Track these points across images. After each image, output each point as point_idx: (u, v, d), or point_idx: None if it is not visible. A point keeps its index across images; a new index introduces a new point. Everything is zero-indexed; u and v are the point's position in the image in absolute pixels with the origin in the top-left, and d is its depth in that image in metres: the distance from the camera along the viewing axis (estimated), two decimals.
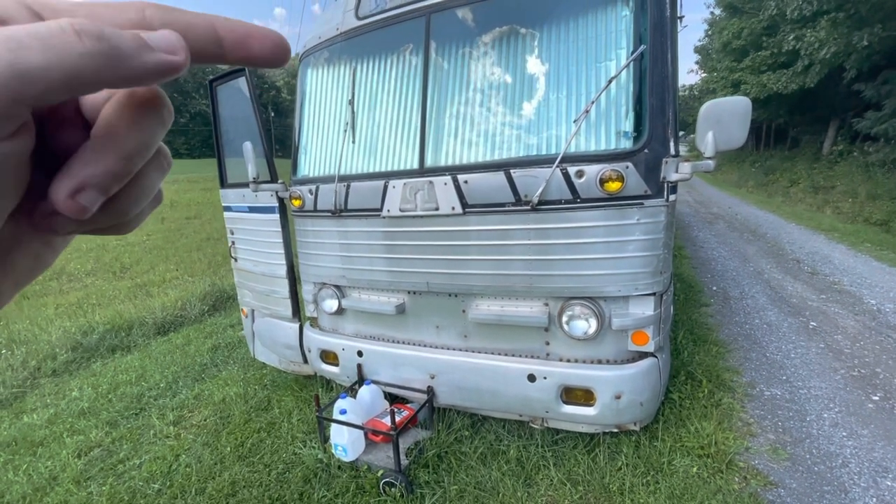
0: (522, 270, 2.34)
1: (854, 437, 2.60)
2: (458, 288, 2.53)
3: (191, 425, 3.19)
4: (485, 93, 2.38)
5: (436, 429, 2.70)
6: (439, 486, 2.34)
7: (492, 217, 2.33)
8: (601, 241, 2.19)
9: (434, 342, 2.73)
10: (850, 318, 4.53)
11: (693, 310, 4.61)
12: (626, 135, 2.13)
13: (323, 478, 2.46)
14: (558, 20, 2.26)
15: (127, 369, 4.54)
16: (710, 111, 2.11)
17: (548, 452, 2.50)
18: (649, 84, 2.11)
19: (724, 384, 3.11)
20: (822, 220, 10.97)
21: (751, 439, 2.57)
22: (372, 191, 2.60)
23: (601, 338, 2.35)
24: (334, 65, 2.89)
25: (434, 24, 2.50)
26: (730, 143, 2.14)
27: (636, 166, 2.09)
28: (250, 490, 2.43)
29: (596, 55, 2.20)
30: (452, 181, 2.35)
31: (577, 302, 2.29)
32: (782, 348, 3.82)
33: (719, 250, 7.86)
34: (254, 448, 2.82)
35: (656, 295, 2.25)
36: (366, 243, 2.72)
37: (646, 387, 2.29)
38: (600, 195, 2.12)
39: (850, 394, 3.09)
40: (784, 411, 2.86)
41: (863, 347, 3.84)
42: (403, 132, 2.56)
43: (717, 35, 21.25)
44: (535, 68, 2.30)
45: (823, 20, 11.20)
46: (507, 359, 2.48)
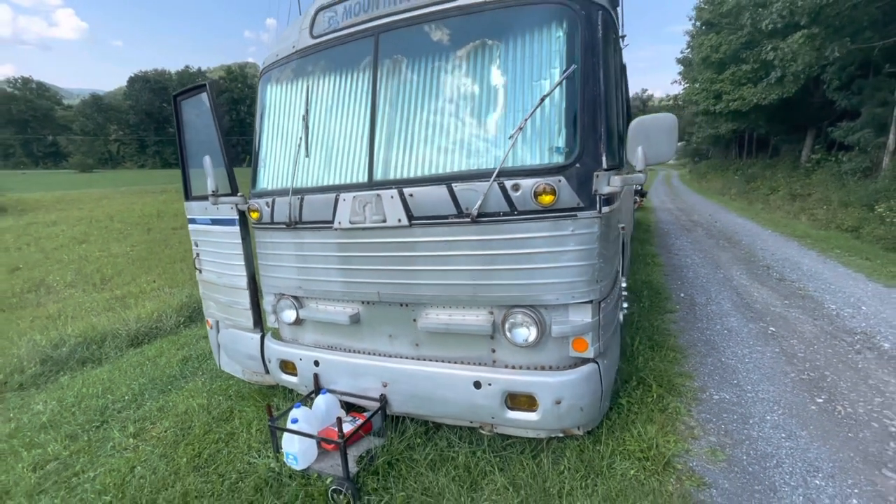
0: (466, 280, 2.41)
1: (792, 439, 2.69)
2: (408, 298, 2.60)
3: (150, 437, 3.20)
4: (428, 109, 2.47)
5: (389, 436, 2.74)
6: (387, 492, 2.38)
7: (436, 229, 2.41)
8: (538, 252, 2.27)
9: (388, 351, 2.79)
10: (808, 323, 4.66)
11: (657, 316, 4.71)
12: (558, 150, 2.23)
13: (274, 486, 2.49)
14: (497, 41, 2.37)
15: (94, 382, 4.52)
16: (639, 128, 2.22)
17: (495, 458, 2.56)
18: (581, 102, 2.22)
19: (675, 389, 3.20)
20: (797, 227, 11.22)
21: (692, 442, 2.65)
22: (324, 203, 2.67)
23: (543, 345, 2.42)
24: (291, 81, 2.98)
25: (382, 43, 2.60)
26: (659, 157, 2.25)
27: (568, 180, 2.18)
28: (201, 500, 2.46)
29: (532, 74, 2.31)
30: (399, 194, 2.43)
31: (518, 310, 2.37)
32: (738, 353, 3.92)
33: (693, 257, 8.02)
34: (210, 458, 2.84)
35: (593, 303, 2.33)
36: (320, 255, 2.79)
37: (585, 392, 2.36)
38: (535, 207, 2.21)
39: (795, 396, 3.19)
40: (729, 414, 2.95)
41: (815, 351, 3.96)
42: (354, 147, 2.64)
43: (696, 49, 21.73)
44: (475, 86, 2.39)
45: (798, 34, 11.54)
46: (455, 366, 2.55)
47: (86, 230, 22.06)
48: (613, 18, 2.63)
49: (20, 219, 27.87)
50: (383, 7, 2.59)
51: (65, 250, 17.98)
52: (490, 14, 2.36)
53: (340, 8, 2.75)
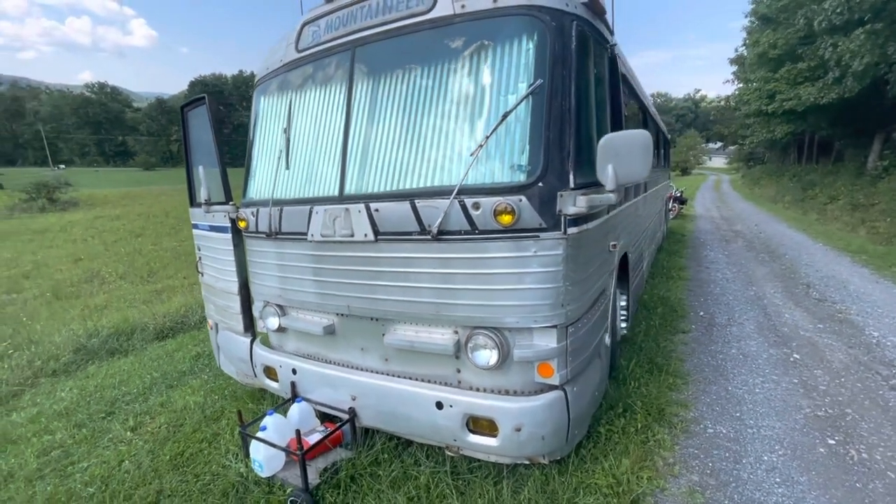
0: (429, 298, 2.37)
1: (787, 484, 2.44)
2: (375, 312, 2.58)
3: (146, 432, 3.37)
4: (398, 123, 2.45)
5: (357, 450, 2.74)
6: None
7: (400, 245, 2.38)
8: (499, 273, 2.20)
9: (360, 364, 2.79)
10: (840, 352, 4.25)
11: (666, 336, 4.45)
12: (520, 168, 2.14)
13: (240, 492, 2.55)
14: (465, 55, 2.31)
15: (115, 373, 4.83)
16: (608, 145, 2.09)
17: (458, 481, 2.50)
18: (547, 118, 2.12)
19: (665, 419, 2.99)
20: (853, 240, 10.30)
21: (671, 480, 2.46)
22: (300, 215, 2.71)
23: (508, 368, 2.34)
24: (278, 94, 3.04)
25: (358, 57, 2.61)
26: (631, 175, 2.11)
27: (530, 199, 2.09)
28: (172, 500, 2.56)
29: (500, 89, 2.23)
30: (366, 209, 2.42)
31: (480, 331, 2.30)
32: (749, 382, 3.63)
33: (725, 272, 7.53)
34: (191, 458, 2.95)
35: (559, 328, 2.22)
36: (297, 265, 2.83)
37: (548, 420, 2.25)
38: (496, 227, 2.14)
39: (804, 436, 2.91)
40: (721, 451, 2.73)
41: (841, 385, 3.60)
42: (329, 160, 2.66)
43: (752, 46, 20.46)
44: (443, 101, 2.34)
45: (859, 30, 10.62)
46: (419, 384, 2.50)
47: (143, 225, 23.73)
48: (595, 28, 2.51)
49: (89, 212, 30.39)
50: (360, 21, 2.60)
51: (123, 243, 19.42)
52: (460, 27, 2.30)
53: (323, 22, 2.78)
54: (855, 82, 12.11)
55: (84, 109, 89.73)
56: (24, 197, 32.12)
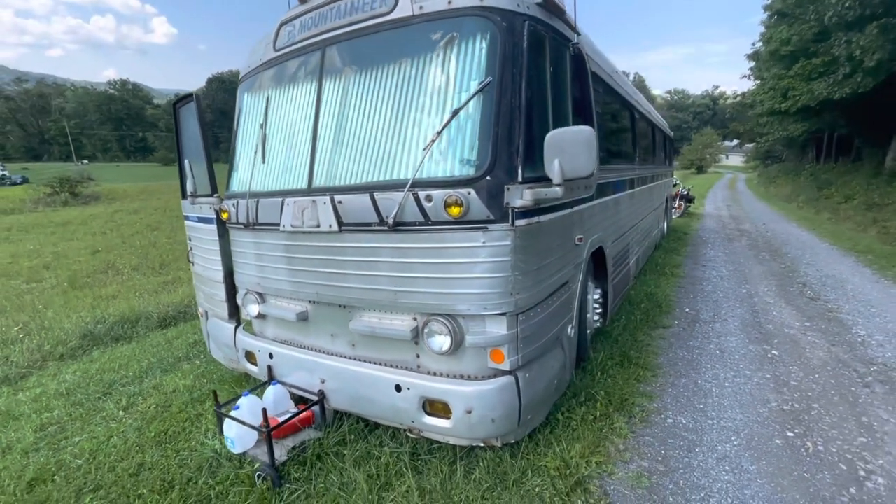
0: (388, 286, 2.49)
1: (735, 472, 2.51)
2: (341, 300, 2.72)
3: (136, 411, 3.57)
4: (361, 119, 2.57)
5: (326, 430, 2.88)
6: (308, 483, 2.52)
7: (362, 235, 2.51)
8: (451, 262, 2.31)
9: (330, 349, 2.93)
10: (822, 349, 4.25)
11: (645, 331, 4.49)
12: (469, 162, 2.25)
13: (213, 466, 2.71)
14: (424, 54, 2.41)
15: (117, 358, 5.07)
16: (553, 140, 2.18)
17: (417, 461, 2.62)
18: (495, 114, 2.22)
19: (626, 408, 3.07)
20: (861, 240, 10.11)
21: (620, 465, 2.55)
22: (274, 207, 2.85)
23: (462, 354, 2.45)
24: (257, 91, 3.19)
25: (327, 56, 2.73)
26: (577, 171, 2.20)
27: (478, 192, 2.19)
28: (151, 472, 2.73)
29: (454, 86, 2.33)
30: (331, 201, 2.55)
31: (435, 318, 2.42)
32: (720, 376, 3.67)
33: (722, 269, 7.49)
34: (174, 436, 3.13)
35: (508, 315, 2.32)
36: (272, 255, 2.98)
37: (497, 404, 2.36)
38: (446, 218, 2.24)
39: (764, 428, 2.96)
40: (676, 440, 2.80)
41: (814, 381, 3.62)
42: (300, 154, 2.80)
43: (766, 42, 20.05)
44: (402, 97, 2.46)
45: (873, 24, 10.38)
46: (380, 368, 2.63)
47: (159, 219, 24.34)
48: (552, 27, 2.59)
49: (109, 206, 31.24)
50: (330, 21, 2.72)
51: (139, 236, 19.96)
52: (418, 27, 2.41)
53: (298, 22, 2.91)
54: (869, 78, 11.83)
55: (107, 106, 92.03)
56: (48, 191, 33.16)
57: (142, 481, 2.66)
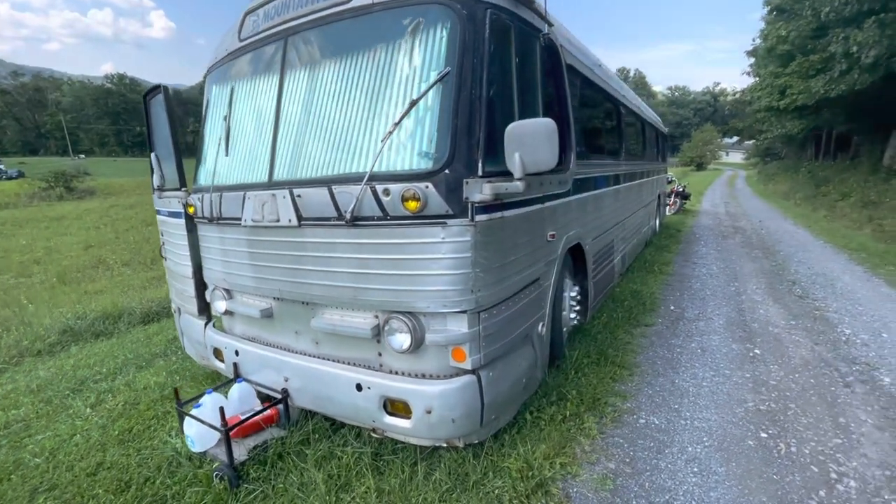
0: (348, 283, 2.42)
1: (703, 474, 2.45)
2: (303, 296, 2.65)
3: (104, 409, 3.51)
4: (321, 111, 2.49)
5: (290, 429, 2.82)
6: (266, 483, 2.46)
7: (321, 230, 2.44)
8: (409, 258, 2.24)
9: (294, 347, 2.86)
10: (805, 348, 4.19)
11: (626, 329, 4.43)
12: (427, 155, 2.17)
13: (172, 465, 2.65)
14: (383, 43, 2.34)
15: (94, 354, 5.00)
16: (513, 133, 2.11)
17: (380, 461, 2.56)
18: (454, 106, 2.14)
19: (598, 408, 3.01)
20: (855, 238, 10.04)
21: (586, 466, 2.49)
22: (236, 201, 2.78)
23: (424, 352, 2.39)
24: (222, 83, 3.11)
25: (289, 46, 2.65)
26: (538, 164, 2.13)
27: (436, 186, 2.12)
28: (109, 472, 2.67)
29: (413, 77, 2.26)
30: (290, 195, 2.48)
31: (396, 316, 2.35)
32: (699, 375, 3.61)
33: (712, 267, 7.43)
34: (138, 434, 3.07)
35: (469, 313, 2.26)
36: (236, 249, 2.91)
37: (457, 404, 2.30)
38: (405, 213, 2.17)
39: (738, 428, 2.90)
40: (647, 441, 2.74)
41: (794, 380, 3.56)
42: (262, 147, 2.72)
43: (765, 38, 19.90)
44: (363, 89, 2.38)
45: (871, 20, 10.27)
46: (341, 367, 2.57)
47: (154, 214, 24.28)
48: (518, 17, 2.50)
49: (105, 201, 31.12)
50: (292, 10, 2.64)
51: (133, 232, 19.88)
52: (377, 16, 2.34)
53: (262, 12, 2.83)
54: (866, 74, 11.72)
55: (104, 100, 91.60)
56: (43, 185, 33.06)
57: (98, 481, 2.61)
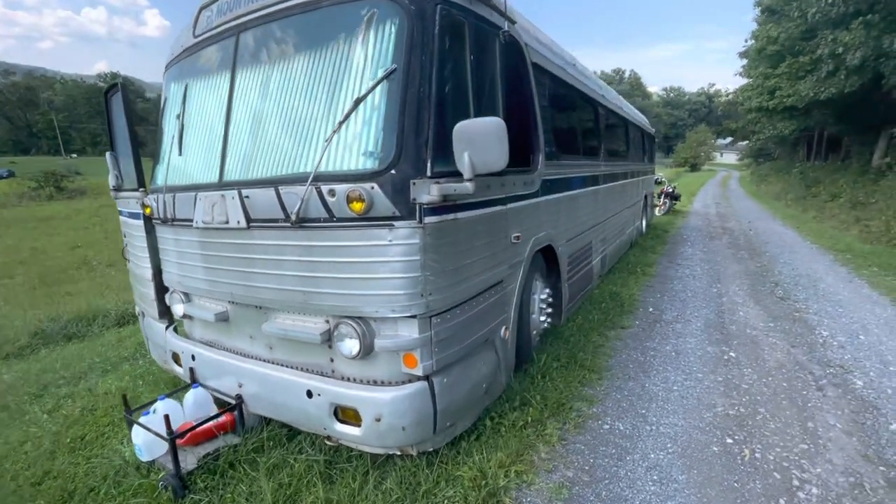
0: (297, 286, 2.35)
1: (663, 483, 2.39)
2: (255, 300, 2.57)
3: (60, 415, 3.41)
4: (271, 109, 2.42)
5: (244, 437, 2.74)
6: (214, 493, 2.38)
7: (269, 232, 2.36)
8: (357, 261, 2.17)
9: (249, 352, 2.79)
10: (780, 351, 4.15)
11: (600, 332, 4.37)
12: (372, 155, 2.10)
13: (119, 475, 2.57)
14: (333, 40, 2.27)
15: (62, 357, 4.90)
16: (462, 133, 2.04)
17: (334, 470, 2.49)
18: (401, 105, 2.07)
19: (563, 413, 2.94)
20: (842, 239, 10.05)
21: (543, 475, 2.42)
22: (189, 202, 2.70)
23: (375, 358, 2.32)
24: (178, 80, 3.03)
25: (240, 43, 2.58)
26: (488, 164, 2.06)
27: (382, 187, 2.05)
28: (55, 481, 2.59)
29: (361, 74, 2.19)
30: (238, 196, 2.40)
31: (345, 321, 2.28)
32: (670, 379, 3.56)
33: (695, 268, 7.39)
34: (90, 442, 2.98)
35: (419, 318, 2.19)
36: (189, 252, 2.83)
37: (408, 411, 2.23)
38: (350, 215, 2.10)
39: (703, 434, 2.84)
40: (609, 448, 2.67)
41: (766, 384, 3.51)
42: (214, 146, 2.64)
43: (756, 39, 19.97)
44: (312, 86, 2.31)
45: (857, 21, 10.30)
46: (293, 373, 2.50)
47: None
48: (473, 13, 2.43)
49: (95, 201, 30.81)
50: (244, 6, 2.57)
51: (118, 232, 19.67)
52: (327, 11, 2.27)
53: (215, 7, 2.75)
54: (855, 76, 11.74)
55: (96, 99, 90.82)
56: (32, 185, 32.72)
57: (42, 491, 2.52)
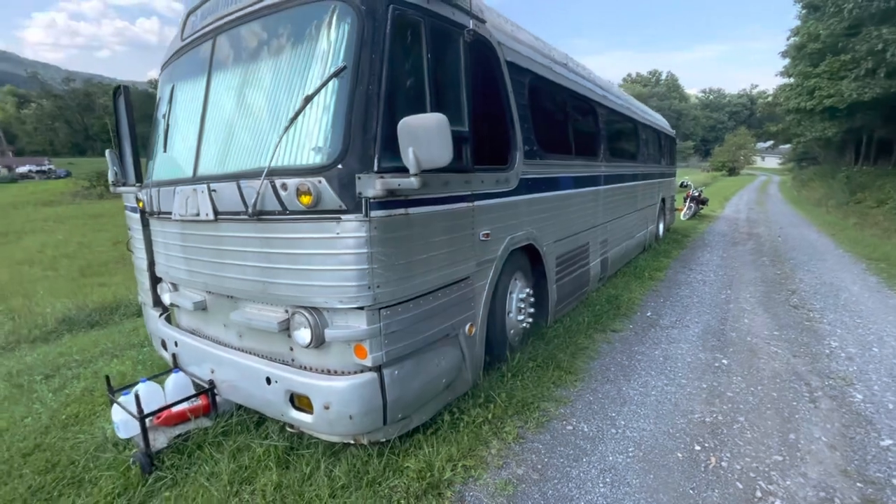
0: (258, 277, 2.46)
1: (614, 485, 2.34)
2: (225, 290, 2.70)
3: (64, 394, 3.67)
4: (238, 107, 2.55)
5: (216, 420, 2.87)
6: (179, 471, 2.51)
7: (233, 224, 2.48)
8: (307, 253, 2.25)
9: (223, 339, 2.92)
10: (779, 360, 3.96)
11: (588, 334, 4.29)
12: (321, 150, 2.18)
13: (99, 451, 2.74)
14: (293, 40, 2.37)
15: (81, 343, 5.24)
16: (405, 128, 2.09)
17: (293, 455, 2.57)
18: (349, 101, 2.14)
19: (527, 412, 2.92)
20: (880, 247, 9.45)
21: (493, 471, 2.41)
22: (169, 195, 2.86)
23: (329, 348, 2.39)
24: (168, 80, 3.22)
25: (217, 45, 2.72)
26: (433, 160, 2.10)
27: (329, 181, 2.12)
28: (43, 453, 2.79)
29: (316, 72, 2.27)
30: (207, 190, 2.54)
31: (299, 311, 2.36)
32: (650, 384, 3.46)
33: (709, 274, 7.13)
34: (82, 419, 3.19)
35: (367, 309, 2.24)
36: (172, 243, 3.00)
37: (355, 401, 2.28)
38: (300, 208, 2.19)
39: (671, 440, 2.76)
40: (567, 448, 2.64)
41: (754, 393, 3.37)
42: (191, 143, 2.80)
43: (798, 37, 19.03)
44: (273, 85, 2.42)
45: None
46: (256, 360, 2.60)
47: None
48: (429, 11, 2.47)
49: None
50: (221, 9, 2.71)
51: None
52: (289, 13, 2.38)
53: (200, 11, 2.92)
54: None
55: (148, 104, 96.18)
56: (86, 184, 34.97)
57: (30, 461, 2.73)
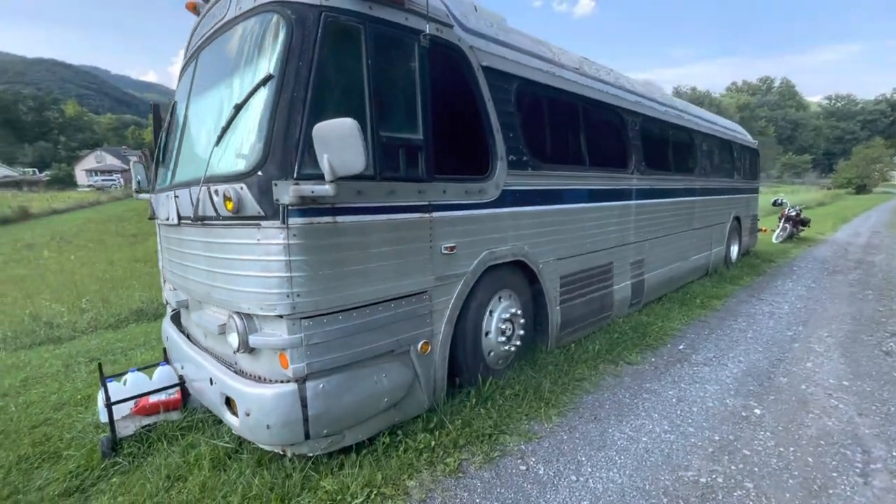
0: (204, 280, 2.55)
1: None
2: (186, 290, 2.85)
3: (94, 377, 4.11)
4: (200, 117, 2.70)
5: (183, 415, 3.02)
6: (134, 459, 2.66)
7: (188, 229, 2.62)
8: (233, 258, 2.29)
9: (195, 338, 3.08)
10: (837, 418, 3.22)
11: (592, 364, 3.80)
12: (244, 157, 2.21)
13: (84, 431, 3.01)
14: (241, 52, 2.47)
15: (140, 332, 5.88)
16: (318, 134, 2.05)
17: (234, 457, 2.60)
18: (272, 110, 2.16)
19: (481, 444, 2.63)
20: None
21: (406, 500, 2.21)
22: (157, 201, 3.11)
23: (260, 355, 2.39)
24: (174, 96, 3.52)
25: (199, 60, 2.93)
26: (347, 166, 2.04)
27: (249, 188, 2.14)
28: (46, 427, 3.14)
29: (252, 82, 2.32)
30: (174, 196, 2.71)
31: (232, 315, 2.39)
32: (645, 429, 2.96)
33: (781, 306, 6.08)
34: (93, 400, 3.54)
35: (287, 318, 2.21)
36: (162, 245, 3.24)
37: (272, 411, 2.24)
38: (227, 214, 2.23)
39: (642, 500, 2.32)
40: (507, 491, 2.30)
41: (783, 455, 2.74)
42: (174, 152, 3.02)
43: None
44: (223, 96, 2.54)
45: None
46: (207, 359, 2.70)
47: None
48: (373, 17, 2.40)
49: None
50: (206, 27, 2.93)
51: None
52: (239, 27, 2.51)
53: (198, 30, 3.17)
54: None
55: None
56: None
57: (33, 432, 3.07)
